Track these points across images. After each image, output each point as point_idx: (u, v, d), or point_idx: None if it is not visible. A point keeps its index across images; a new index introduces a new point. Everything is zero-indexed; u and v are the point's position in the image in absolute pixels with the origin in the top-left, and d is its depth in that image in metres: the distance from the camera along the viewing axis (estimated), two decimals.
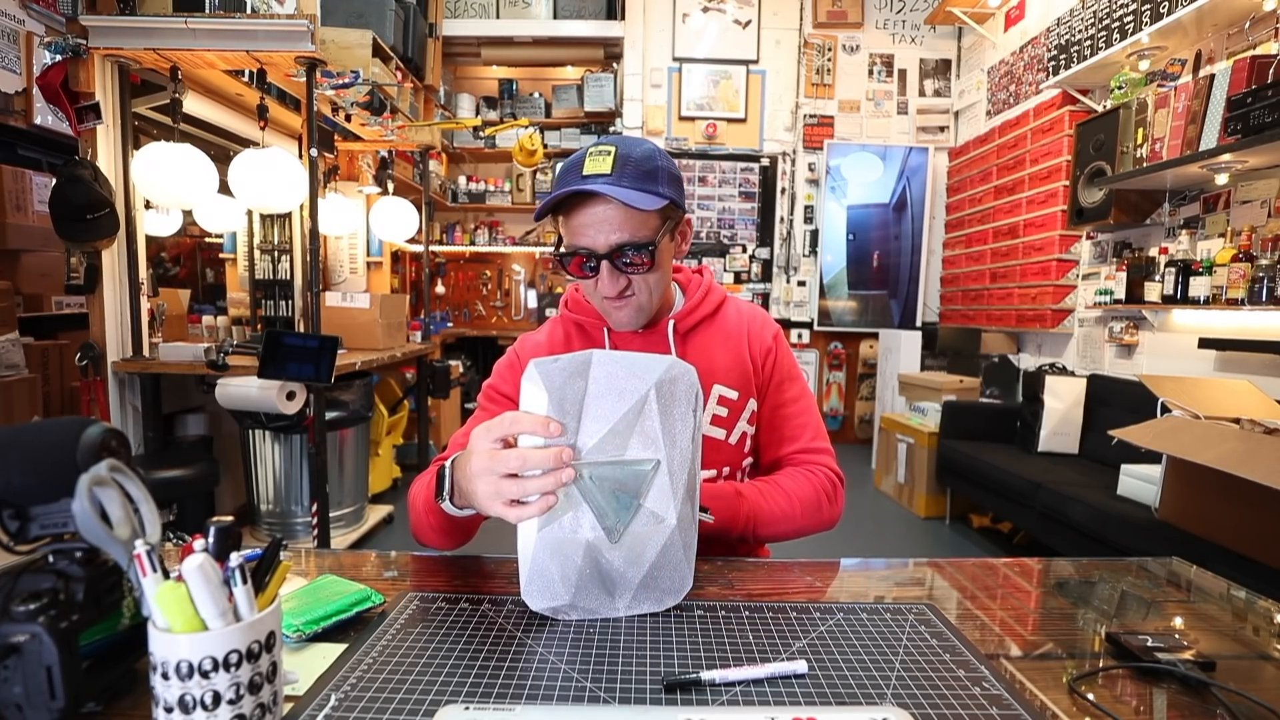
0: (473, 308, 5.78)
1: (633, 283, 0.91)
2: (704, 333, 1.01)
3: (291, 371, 2.14)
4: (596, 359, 0.66)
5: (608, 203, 0.86)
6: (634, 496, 0.66)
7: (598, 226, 0.87)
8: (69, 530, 0.50)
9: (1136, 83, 2.93)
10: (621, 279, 0.89)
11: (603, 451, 0.64)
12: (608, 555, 0.66)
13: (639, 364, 0.67)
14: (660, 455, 0.66)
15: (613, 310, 0.94)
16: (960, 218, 4.65)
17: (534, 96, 5.37)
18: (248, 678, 0.45)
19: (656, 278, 0.92)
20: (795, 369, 1.05)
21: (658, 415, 0.66)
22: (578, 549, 0.65)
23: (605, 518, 0.65)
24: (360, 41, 2.81)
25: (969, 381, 3.91)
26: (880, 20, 4.97)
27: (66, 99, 2.18)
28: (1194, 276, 2.58)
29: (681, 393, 0.69)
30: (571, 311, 1.03)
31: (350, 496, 3.00)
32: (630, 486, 0.65)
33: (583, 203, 0.87)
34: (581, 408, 0.64)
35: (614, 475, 0.65)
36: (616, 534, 0.65)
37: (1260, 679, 0.62)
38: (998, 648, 0.66)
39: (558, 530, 0.65)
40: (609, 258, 0.88)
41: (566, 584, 0.66)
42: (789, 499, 0.94)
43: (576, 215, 0.88)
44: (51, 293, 2.89)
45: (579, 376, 0.65)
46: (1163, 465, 2.11)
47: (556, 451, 0.62)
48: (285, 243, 2.97)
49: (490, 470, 0.64)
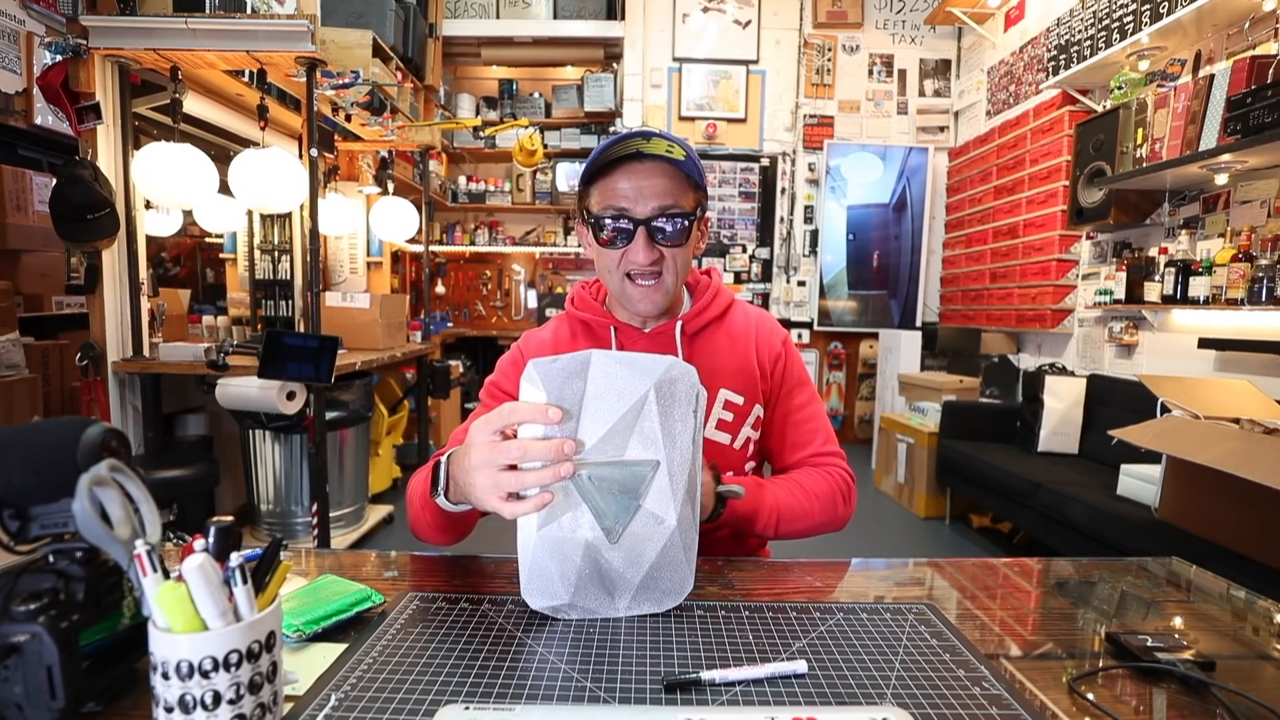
0: (473, 308, 5.78)
1: (665, 256, 0.90)
2: (711, 335, 1.00)
3: (291, 371, 2.14)
4: (596, 359, 0.65)
5: (653, 170, 0.86)
6: (633, 497, 0.65)
7: (640, 190, 0.87)
8: (69, 530, 0.50)
9: (1136, 83, 2.93)
10: (655, 250, 0.88)
11: (602, 452, 0.64)
12: (607, 555, 0.66)
13: (639, 363, 0.66)
14: (660, 456, 0.66)
15: (634, 291, 0.92)
16: (960, 218, 4.65)
17: (534, 96, 5.37)
18: (248, 678, 0.45)
19: (685, 258, 0.92)
20: (805, 374, 1.04)
21: (657, 415, 0.65)
22: (577, 548, 0.65)
23: (604, 518, 0.65)
24: (360, 42, 2.81)
25: (969, 381, 3.91)
26: (880, 20, 4.97)
27: (67, 99, 2.18)
28: (1194, 276, 2.58)
29: (682, 393, 0.68)
30: (577, 309, 1.02)
31: (350, 496, 3.00)
32: (630, 487, 0.65)
33: (628, 167, 0.87)
34: (580, 408, 0.64)
35: (613, 476, 0.64)
36: (616, 534, 0.65)
37: (1260, 679, 0.62)
38: (998, 648, 0.66)
39: (557, 530, 0.64)
40: (647, 223, 0.87)
41: (565, 583, 0.66)
42: (808, 496, 0.94)
43: (619, 178, 0.88)
44: (52, 293, 2.89)
45: (578, 376, 0.64)
46: (1163, 465, 2.11)
47: (558, 444, 0.62)
48: (285, 243, 2.97)
49: (490, 462, 0.63)
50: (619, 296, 0.95)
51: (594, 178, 0.91)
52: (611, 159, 0.88)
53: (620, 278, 0.92)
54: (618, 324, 0.98)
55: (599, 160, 0.88)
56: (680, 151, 0.88)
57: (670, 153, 0.87)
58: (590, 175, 0.90)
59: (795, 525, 0.92)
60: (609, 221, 0.88)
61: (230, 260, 3.41)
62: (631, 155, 0.88)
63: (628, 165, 0.88)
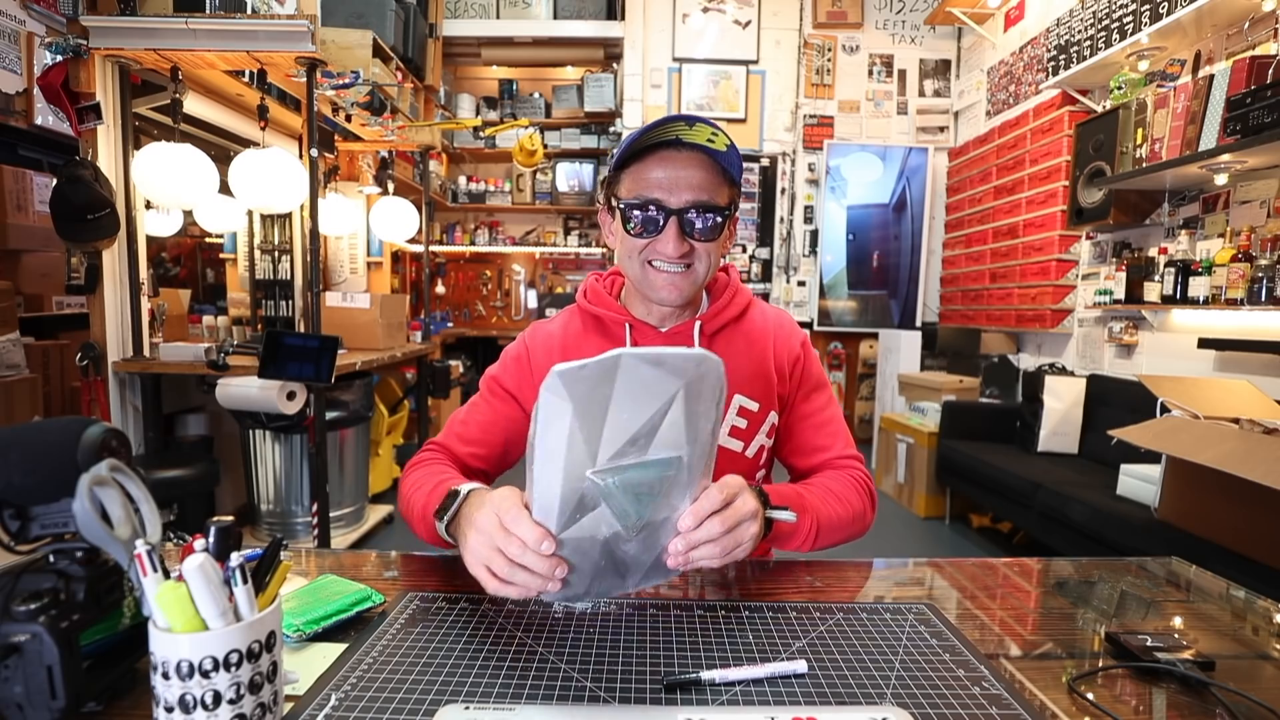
0: (473, 308, 5.78)
1: (695, 250, 0.86)
2: (730, 336, 0.96)
3: (292, 371, 2.14)
4: (625, 362, 0.60)
5: (691, 160, 0.83)
6: (655, 495, 0.64)
7: (676, 180, 0.83)
8: (70, 530, 0.50)
9: (1136, 83, 2.93)
10: (685, 243, 0.85)
11: (625, 455, 0.62)
12: (624, 547, 0.65)
13: (670, 363, 0.62)
14: (683, 452, 0.64)
15: (657, 278, 0.88)
16: (960, 218, 4.65)
17: (534, 97, 5.37)
18: (248, 677, 0.45)
19: (716, 255, 0.89)
20: (823, 376, 1.01)
21: (683, 413, 0.63)
22: (595, 546, 0.64)
23: (626, 518, 0.63)
24: (360, 42, 2.82)
25: (969, 381, 3.91)
26: (880, 20, 4.97)
27: (67, 99, 2.18)
28: (1193, 276, 2.58)
29: (709, 388, 0.65)
30: (590, 303, 0.97)
31: (350, 496, 3.00)
32: (652, 487, 0.64)
33: (664, 154, 0.84)
34: (607, 411, 0.60)
35: (636, 477, 0.63)
36: (635, 530, 0.64)
37: (1260, 679, 0.62)
38: (997, 647, 0.66)
39: (576, 532, 0.63)
40: (679, 214, 0.84)
41: (583, 578, 0.64)
42: (843, 504, 0.89)
43: (654, 165, 0.84)
44: (52, 293, 2.89)
45: (606, 382, 0.60)
46: (1162, 465, 2.11)
47: (553, 563, 0.60)
48: (285, 243, 2.97)
49: (490, 543, 0.62)
50: (639, 284, 0.90)
51: (628, 162, 0.87)
52: (649, 144, 0.84)
53: (642, 264, 0.88)
54: (633, 321, 0.94)
55: (637, 144, 0.84)
56: (723, 141, 0.83)
57: (712, 142, 0.83)
58: (624, 159, 0.87)
59: (830, 538, 0.88)
60: (638, 212, 0.85)
61: (230, 260, 3.41)
62: (670, 142, 0.84)
63: (664, 152, 0.84)
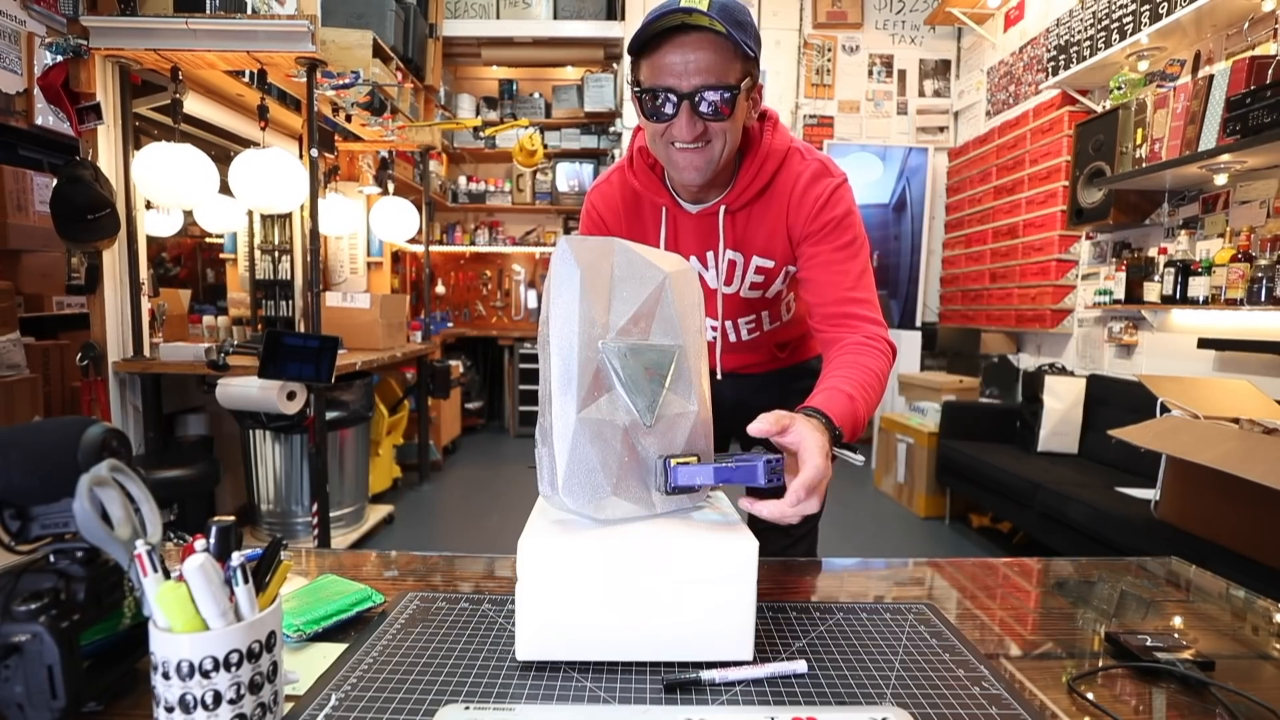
0: (473, 308, 5.78)
1: (709, 129, 0.90)
2: (752, 209, 1.03)
3: (292, 371, 2.15)
4: (619, 245, 0.71)
5: (700, 43, 0.86)
6: (659, 382, 0.69)
7: (686, 65, 0.87)
8: (70, 530, 0.50)
9: (1136, 83, 2.93)
10: (699, 124, 0.89)
11: (631, 334, 0.69)
12: (643, 441, 0.67)
13: (654, 255, 0.74)
14: (679, 342, 0.71)
15: (680, 161, 0.92)
16: (960, 218, 4.65)
17: (534, 97, 5.37)
18: (248, 677, 0.45)
19: (734, 130, 0.92)
20: (848, 221, 0.98)
21: (674, 303, 0.71)
22: (616, 433, 0.65)
23: (637, 399, 0.67)
24: (360, 42, 2.82)
25: (969, 381, 3.91)
26: (880, 21, 4.97)
27: (67, 99, 2.18)
28: (1193, 277, 2.58)
29: (690, 288, 0.76)
30: (635, 172, 1.05)
31: (350, 496, 3.00)
32: (657, 370, 0.69)
33: (675, 39, 0.87)
34: (610, 285, 0.68)
35: (643, 356, 0.68)
36: (649, 416, 0.67)
37: (1260, 679, 0.62)
38: (997, 647, 0.66)
39: (595, 412, 0.65)
40: (690, 97, 0.87)
41: (608, 472, 0.64)
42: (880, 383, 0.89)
43: (666, 51, 0.88)
44: (52, 293, 2.89)
45: (605, 256, 0.69)
46: (1162, 465, 2.11)
47: None
48: (285, 243, 2.97)
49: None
50: (665, 165, 0.97)
51: (643, 49, 0.90)
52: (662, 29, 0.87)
53: (665, 145, 0.93)
54: (668, 203, 1.03)
55: (647, 33, 0.87)
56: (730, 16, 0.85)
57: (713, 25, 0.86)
58: (639, 47, 0.90)
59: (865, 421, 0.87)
60: (652, 99, 0.90)
61: (230, 260, 3.41)
62: (678, 27, 0.87)
63: (675, 38, 0.87)
